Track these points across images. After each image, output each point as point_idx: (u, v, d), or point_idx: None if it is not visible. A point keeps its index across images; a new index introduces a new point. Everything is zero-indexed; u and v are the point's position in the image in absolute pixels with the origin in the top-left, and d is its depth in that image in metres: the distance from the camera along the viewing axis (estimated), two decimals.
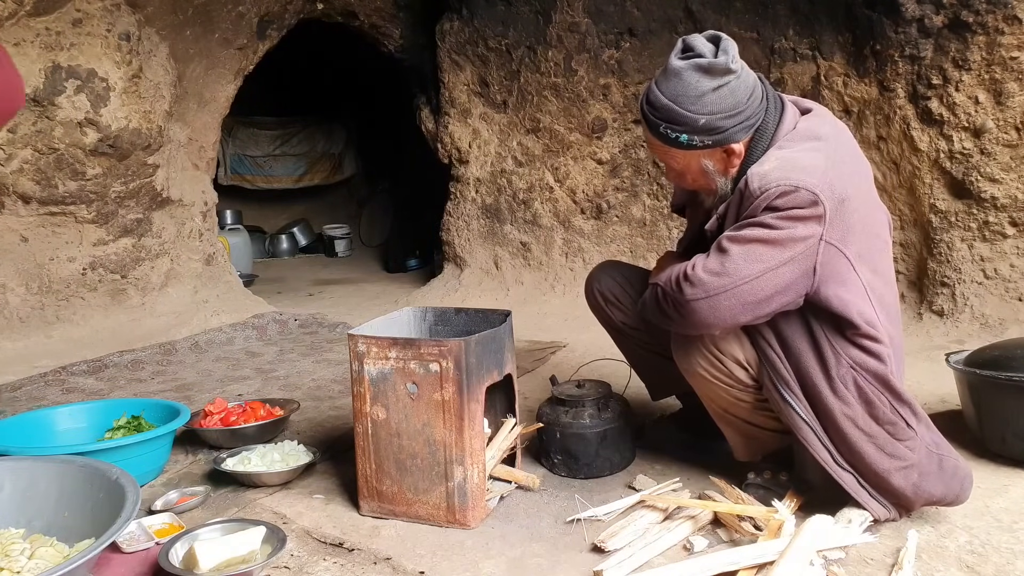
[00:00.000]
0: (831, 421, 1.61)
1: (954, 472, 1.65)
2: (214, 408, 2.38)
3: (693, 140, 1.62)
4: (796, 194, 1.52)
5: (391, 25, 5.14)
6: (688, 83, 1.58)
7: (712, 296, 1.57)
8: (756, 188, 1.56)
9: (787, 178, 1.54)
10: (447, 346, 1.72)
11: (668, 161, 1.73)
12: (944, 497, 1.65)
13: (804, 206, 1.52)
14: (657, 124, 1.64)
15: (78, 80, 3.54)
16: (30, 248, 3.65)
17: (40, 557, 1.47)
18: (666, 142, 1.66)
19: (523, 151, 4.60)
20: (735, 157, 1.65)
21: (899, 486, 1.62)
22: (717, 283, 1.56)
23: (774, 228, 1.54)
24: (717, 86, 1.58)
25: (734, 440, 1.90)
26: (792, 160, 1.58)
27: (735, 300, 1.57)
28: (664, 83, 1.62)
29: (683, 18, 4.01)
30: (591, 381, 2.16)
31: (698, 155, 1.66)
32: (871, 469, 1.61)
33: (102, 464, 1.62)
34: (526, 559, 1.62)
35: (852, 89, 3.54)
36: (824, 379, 1.61)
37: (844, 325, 1.60)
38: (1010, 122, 3.10)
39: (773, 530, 1.59)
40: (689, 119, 1.60)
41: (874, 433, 1.61)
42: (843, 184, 1.57)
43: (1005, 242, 3.20)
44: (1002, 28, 3.03)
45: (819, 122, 1.68)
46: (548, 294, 4.39)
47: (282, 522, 1.80)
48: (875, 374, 1.61)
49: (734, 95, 1.59)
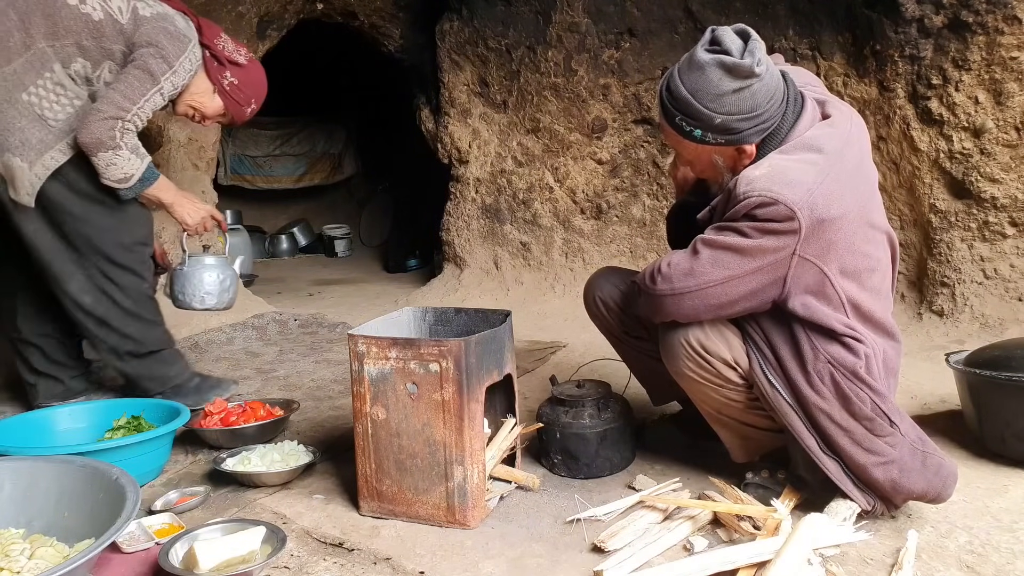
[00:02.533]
0: (809, 414, 1.65)
1: (937, 470, 1.66)
2: (214, 408, 2.38)
3: (707, 137, 1.63)
4: (774, 207, 1.54)
5: (391, 25, 5.14)
6: (710, 80, 1.57)
7: (678, 295, 1.65)
8: (740, 192, 1.58)
9: (769, 190, 1.54)
10: (447, 346, 1.72)
11: (679, 150, 1.76)
12: (926, 493, 1.66)
13: (779, 219, 1.54)
14: (673, 114, 1.64)
15: None
16: None
17: (40, 557, 1.47)
18: (680, 133, 1.67)
19: (523, 151, 4.60)
20: (746, 157, 1.66)
21: (878, 479, 1.63)
22: (684, 283, 1.64)
23: (746, 236, 1.58)
24: (738, 88, 1.57)
25: (730, 442, 1.90)
26: (783, 171, 1.58)
27: (699, 301, 1.65)
28: (687, 74, 1.61)
29: (683, 18, 4.01)
30: (591, 381, 2.16)
31: (709, 150, 1.67)
32: (850, 462, 1.64)
33: (102, 464, 1.62)
34: (526, 559, 1.62)
35: (852, 89, 3.54)
36: (800, 372, 1.64)
37: (820, 327, 1.63)
38: (1010, 122, 3.11)
39: (771, 529, 1.59)
40: (705, 116, 1.60)
41: (851, 428, 1.63)
42: (829, 203, 1.55)
43: (1005, 242, 3.20)
44: (1002, 28, 3.03)
45: (829, 134, 1.65)
46: (548, 294, 4.39)
47: (282, 522, 1.80)
48: (852, 371, 1.61)
49: (754, 98, 1.58)
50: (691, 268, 1.63)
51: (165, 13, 2.46)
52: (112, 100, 2.31)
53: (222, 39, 2.59)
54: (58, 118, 2.34)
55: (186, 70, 2.44)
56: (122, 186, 2.37)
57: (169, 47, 2.38)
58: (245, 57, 2.65)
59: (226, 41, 2.61)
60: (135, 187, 2.40)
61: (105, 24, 2.36)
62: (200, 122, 2.68)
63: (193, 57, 2.46)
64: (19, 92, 2.30)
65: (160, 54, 2.36)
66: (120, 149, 2.31)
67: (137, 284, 2.53)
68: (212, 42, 2.54)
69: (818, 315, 1.61)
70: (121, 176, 2.35)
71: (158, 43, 2.36)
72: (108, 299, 2.48)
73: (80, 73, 2.38)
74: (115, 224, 2.45)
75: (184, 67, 2.43)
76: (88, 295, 2.46)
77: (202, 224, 2.62)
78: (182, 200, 2.58)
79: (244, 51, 2.67)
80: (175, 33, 2.41)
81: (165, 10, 2.48)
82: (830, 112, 1.71)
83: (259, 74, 2.70)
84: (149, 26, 2.39)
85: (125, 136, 2.32)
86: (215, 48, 2.55)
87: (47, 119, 2.32)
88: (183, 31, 2.45)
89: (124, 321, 2.52)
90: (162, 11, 2.46)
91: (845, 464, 1.65)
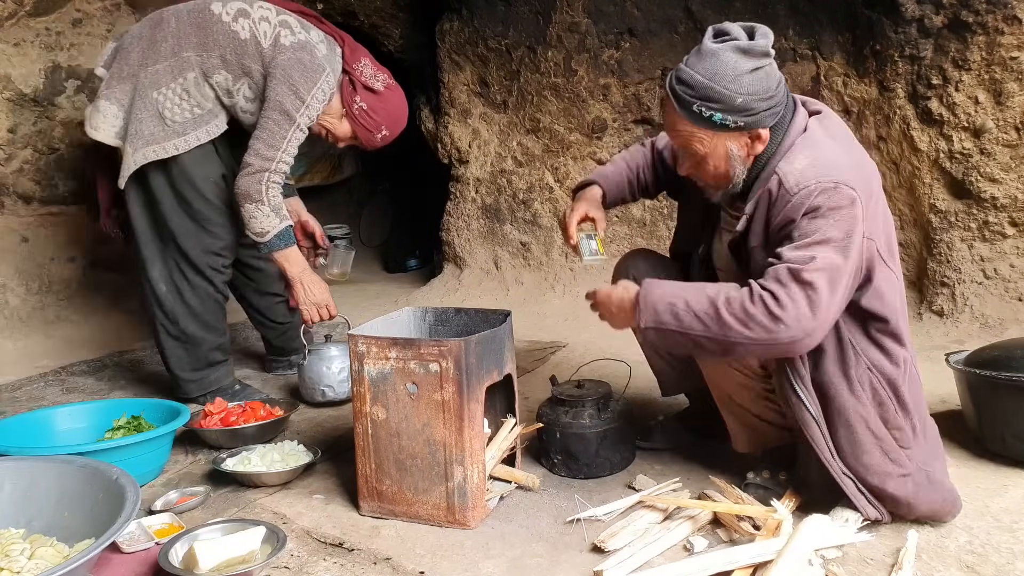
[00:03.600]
0: (844, 419, 1.61)
1: (941, 487, 1.68)
2: (214, 408, 2.38)
3: (727, 120, 1.59)
4: (836, 191, 1.53)
5: (391, 25, 5.13)
6: (726, 62, 1.57)
7: (811, 335, 1.53)
8: (793, 185, 1.56)
9: (826, 175, 1.55)
10: (447, 346, 1.72)
11: (692, 145, 1.67)
12: (935, 513, 1.68)
13: (845, 204, 1.53)
14: (691, 102, 1.60)
15: (78, 80, 3.54)
16: (31, 248, 3.64)
17: (40, 557, 1.47)
18: (697, 121, 1.62)
19: (523, 151, 4.60)
20: (760, 143, 1.64)
21: (897, 493, 1.62)
22: (812, 323, 1.51)
23: (833, 239, 1.52)
24: (755, 67, 1.57)
25: (735, 429, 1.89)
26: (822, 157, 1.59)
27: (829, 325, 1.56)
28: (698, 63, 1.60)
29: (683, 18, 4.01)
30: (591, 381, 2.16)
31: (725, 138, 1.63)
32: (875, 471, 1.62)
33: (102, 464, 1.62)
34: (526, 559, 1.62)
35: (852, 89, 3.54)
36: (843, 377, 1.61)
37: (872, 320, 1.61)
38: (1010, 122, 3.10)
39: (771, 529, 1.59)
40: (727, 96, 1.57)
41: (882, 436, 1.62)
42: (868, 178, 1.62)
43: (1005, 242, 3.20)
44: (1002, 28, 3.03)
45: (832, 124, 1.70)
46: (548, 294, 4.38)
47: (282, 522, 1.80)
48: (889, 379, 1.62)
49: (768, 79, 1.59)
50: (812, 303, 1.50)
51: (306, 42, 2.55)
52: (257, 151, 2.49)
53: (362, 63, 2.65)
54: (175, 119, 2.53)
55: (319, 100, 2.55)
56: (260, 239, 2.55)
57: (300, 81, 2.49)
58: (383, 83, 2.67)
59: (365, 65, 2.65)
60: (272, 243, 2.55)
61: (249, 44, 2.52)
62: (333, 143, 2.75)
63: (326, 86, 2.56)
64: (152, 90, 2.52)
65: (292, 90, 2.48)
66: (263, 204, 2.50)
67: (205, 287, 2.69)
68: (352, 66, 2.63)
69: (874, 304, 1.60)
70: (259, 230, 2.53)
71: (290, 77, 2.48)
72: (178, 293, 2.67)
73: (222, 85, 2.55)
74: (196, 229, 2.63)
75: (317, 97, 2.53)
76: (163, 284, 2.67)
77: (314, 310, 2.70)
78: (306, 278, 2.67)
79: (384, 76, 2.69)
80: (310, 64, 2.51)
81: (308, 38, 2.57)
82: (816, 108, 1.73)
83: (395, 102, 2.72)
84: (285, 56, 2.50)
85: (270, 191, 2.51)
86: (353, 72, 2.63)
87: (165, 118, 2.52)
88: (320, 60, 2.54)
89: (187, 319, 2.68)
90: (304, 39, 2.55)
91: (863, 479, 1.63)
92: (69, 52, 3.52)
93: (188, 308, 2.67)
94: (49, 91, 3.47)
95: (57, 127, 3.53)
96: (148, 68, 2.53)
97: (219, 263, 2.70)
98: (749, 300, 1.53)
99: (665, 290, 1.65)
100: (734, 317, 1.54)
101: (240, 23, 2.53)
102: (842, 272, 1.52)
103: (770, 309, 1.51)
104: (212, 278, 2.68)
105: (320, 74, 2.52)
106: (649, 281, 1.68)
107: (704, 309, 1.57)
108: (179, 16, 2.56)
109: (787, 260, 1.53)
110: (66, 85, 3.51)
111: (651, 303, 1.63)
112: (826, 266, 1.51)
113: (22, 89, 3.40)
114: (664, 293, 1.64)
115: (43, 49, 3.45)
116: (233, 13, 2.54)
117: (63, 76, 3.50)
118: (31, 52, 3.42)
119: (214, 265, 2.68)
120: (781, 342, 1.52)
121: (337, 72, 2.62)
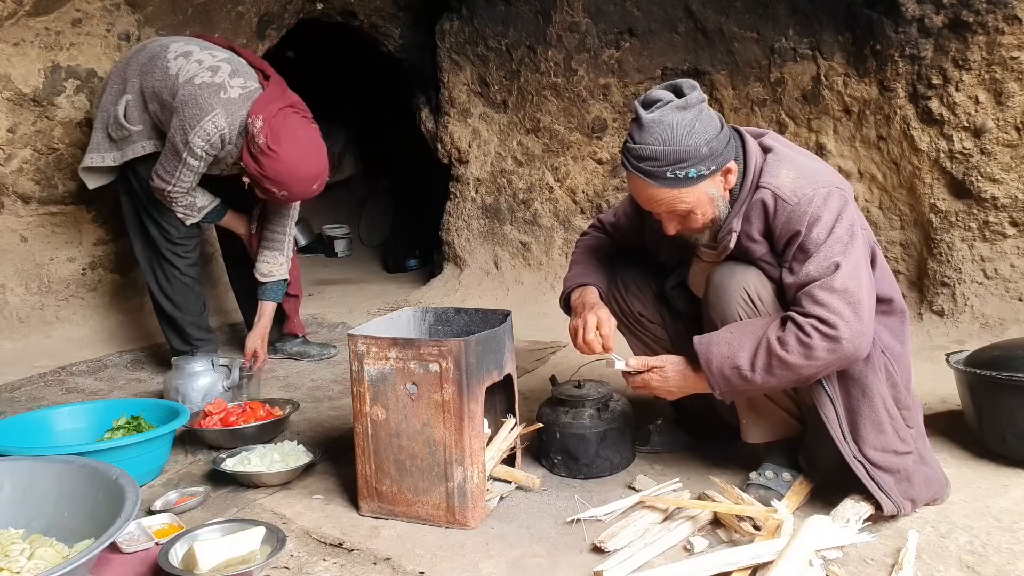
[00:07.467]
0: (868, 399, 1.67)
1: (932, 465, 1.78)
2: (214, 408, 2.38)
3: (701, 170, 1.66)
4: (831, 195, 1.66)
5: (391, 25, 5.13)
6: (674, 123, 1.64)
7: (866, 335, 1.60)
8: (791, 195, 1.66)
9: (818, 183, 1.67)
10: (447, 346, 1.72)
11: (677, 207, 1.71)
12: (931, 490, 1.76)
13: (842, 205, 1.66)
14: (662, 172, 1.65)
15: (78, 80, 3.54)
16: (30, 248, 3.64)
17: (40, 557, 1.47)
18: (675, 184, 1.66)
19: (523, 151, 4.59)
20: (732, 175, 1.73)
21: (900, 470, 1.69)
22: (862, 325, 1.59)
23: (847, 242, 1.63)
24: (697, 115, 1.66)
25: (746, 418, 1.89)
26: (805, 168, 1.71)
27: (873, 316, 1.64)
28: (648, 135, 1.65)
29: (683, 17, 4.00)
30: (591, 381, 2.16)
31: (704, 187, 1.69)
32: (886, 448, 1.68)
33: (102, 464, 1.62)
34: (526, 559, 1.62)
35: (852, 89, 3.54)
36: (865, 359, 1.67)
37: (879, 302, 1.70)
38: (1010, 122, 3.10)
39: (771, 530, 1.59)
40: (692, 151, 1.64)
41: (895, 416, 1.70)
42: (841, 178, 1.76)
43: (1005, 242, 3.20)
44: (1002, 28, 3.03)
45: (780, 138, 1.82)
46: (548, 294, 4.38)
47: (282, 522, 1.80)
48: (896, 358, 1.71)
49: (712, 119, 1.69)
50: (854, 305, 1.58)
51: (218, 84, 2.71)
52: (157, 173, 2.82)
53: (256, 116, 2.65)
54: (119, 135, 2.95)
55: (202, 138, 2.68)
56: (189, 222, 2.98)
57: (187, 117, 2.69)
58: (264, 143, 2.61)
59: (257, 119, 2.64)
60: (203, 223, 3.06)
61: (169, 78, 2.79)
62: None
63: (211, 126, 2.67)
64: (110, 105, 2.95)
65: (180, 125, 2.70)
66: (175, 206, 2.90)
67: (173, 272, 3.03)
68: (251, 117, 2.66)
69: (882, 286, 1.71)
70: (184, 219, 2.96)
71: (180, 112, 2.70)
72: (152, 272, 3.06)
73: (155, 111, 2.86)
74: (155, 221, 2.97)
75: (200, 135, 2.67)
76: (147, 266, 3.07)
77: (248, 351, 3.05)
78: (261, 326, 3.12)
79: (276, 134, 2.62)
80: (202, 103, 2.67)
81: (223, 81, 2.72)
82: (757, 131, 1.83)
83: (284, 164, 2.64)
84: (185, 91, 2.72)
85: (175, 203, 2.88)
86: (250, 125, 2.66)
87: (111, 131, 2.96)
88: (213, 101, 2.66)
89: (163, 299, 3.06)
90: (220, 82, 2.72)
91: (874, 460, 1.68)
92: (69, 52, 3.51)
93: (160, 287, 3.05)
94: (49, 91, 3.46)
95: (56, 127, 3.52)
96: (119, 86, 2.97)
97: (179, 250, 3.02)
98: (802, 333, 1.59)
99: (722, 351, 1.69)
100: (797, 355, 1.60)
101: (178, 62, 2.81)
102: (862, 265, 1.63)
103: (824, 333, 1.58)
104: (175, 262, 3.02)
105: (206, 114, 2.66)
106: (699, 348, 1.72)
107: (766, 362, 1.63)
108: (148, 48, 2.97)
109: (813, 277, 1.62)
110: (65, 85, 3.50)
111: (716, 371, 1.69)
112: (850, 268, 1.61)
113: (21, 89, 3.39)
114: (723, 356, 1.68)
115: (43, 49, 3.45)
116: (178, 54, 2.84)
117: (63, 76, 3.49)
118: (31, 52, 3.41)
119: (175, 251, 3.01)
120: (847, 354, 1.59)
121: (238, 116, 2.69)
